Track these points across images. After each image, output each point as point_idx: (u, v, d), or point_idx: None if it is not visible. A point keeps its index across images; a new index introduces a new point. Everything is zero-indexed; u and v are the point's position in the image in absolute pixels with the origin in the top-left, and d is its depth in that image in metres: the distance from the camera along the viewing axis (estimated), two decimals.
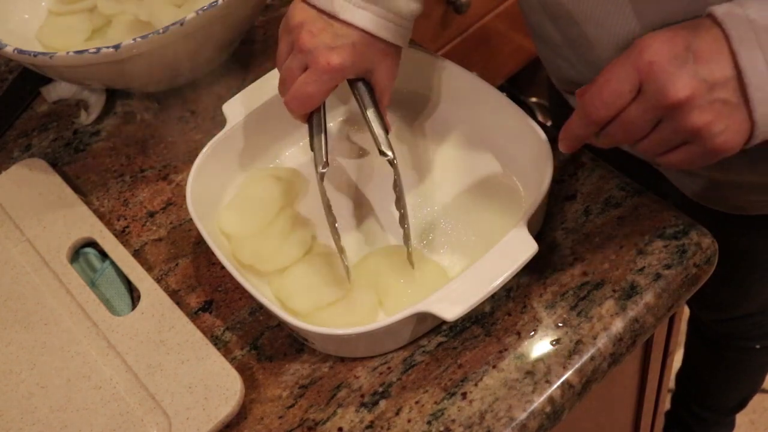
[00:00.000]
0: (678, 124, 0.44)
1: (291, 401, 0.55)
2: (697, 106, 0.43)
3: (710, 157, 0.46)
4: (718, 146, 0.45)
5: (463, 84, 0.64)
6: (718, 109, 0.44)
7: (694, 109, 0.43)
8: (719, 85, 0.43)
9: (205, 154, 0.62)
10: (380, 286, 0.58)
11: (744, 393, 1.19)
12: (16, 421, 0.56)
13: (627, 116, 0.46)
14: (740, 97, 0.44)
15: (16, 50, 0.66)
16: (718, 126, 0.44)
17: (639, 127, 0.46)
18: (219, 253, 0.56)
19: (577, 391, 0.53)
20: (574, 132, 0.49)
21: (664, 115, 0.45)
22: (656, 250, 0.56)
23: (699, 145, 0.45)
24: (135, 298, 0.62)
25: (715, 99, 0.43)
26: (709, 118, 0.43)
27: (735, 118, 0.44)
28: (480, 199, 0.62)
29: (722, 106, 0.44)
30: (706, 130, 0.44)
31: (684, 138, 0.45)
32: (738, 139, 0.45)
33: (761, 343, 1.04)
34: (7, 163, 0.75)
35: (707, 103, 0.43)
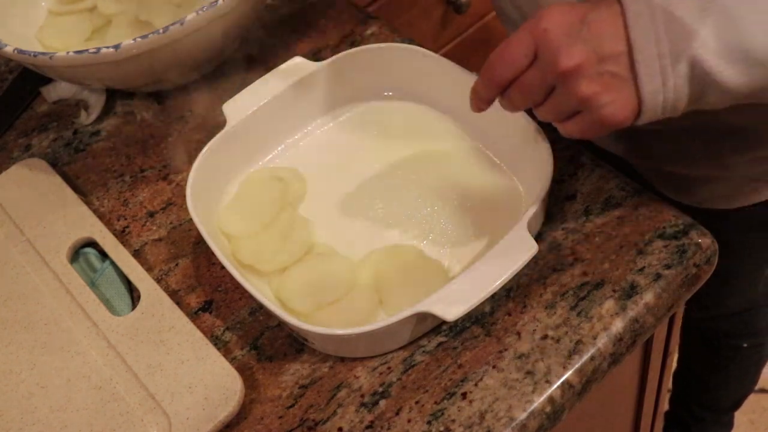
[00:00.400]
0: (568, 92, 0.46)
1: (291, 401, 0.55)
2: (586, 75, 0.45)
3: (600, 127, 0.47)
4: (604, 117, 0.46)
5: (463, 84, 0.64)
6: (607, 81, 0.45)
7: (582, 78, 0.45)
8: (610, 58, 0.45)
9: (205, 154, 0.62)
10: (381, 285, 0.58)
11: (739, 391, 1.19)
12: (16, 421, 0.56)
13: (523, 80, 0.48)
14: (629, 73, 0.45)
15: (16, 50, 0.66)
16: (605, 97, 0.45)
17: (534, 91, 0.48)
18: (219, 253, 0.56)
19: (577, 391, 0.53)
20: (479, 92, 0.52)
21: (556, 82, 0.47)
22: (656, 250, 0.56)
23: (588, 114, 0.47)
24: (135, 298, 0.62)
25: (604, 71, 0.45)
26: (596, 88, 0.45)
27: (623, 92, 0.46)
28: (480, 199, 0.62)
29: (611, 78, 0.45)
30: (593, 100, 0.46)
31: (575, 106, 0.47)
32: (625, 113, 0.46)
33: (749, 341, 1.04)
34: (7, 163, 0.75)
35: (596, 74, 0.45)
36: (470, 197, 0.62)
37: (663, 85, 0.45)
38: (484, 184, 0.63)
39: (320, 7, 0.81)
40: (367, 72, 0.68)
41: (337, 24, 0.79)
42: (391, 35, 0.76)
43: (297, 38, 0.79)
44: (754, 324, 1.01)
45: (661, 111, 0.47)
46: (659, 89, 0.45)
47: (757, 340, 1.04)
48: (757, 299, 0.94)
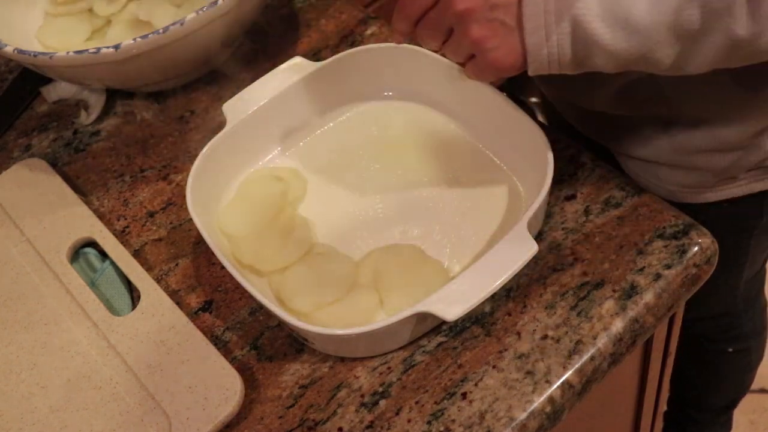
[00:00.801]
0: (461, 34, 0.51)
1: (291, 401, 0.55)
2: (476, 19, 0.49)
3: (490, 70, 0.52)
4: (491, 60, 0.51)
5: (464, 84, 0.64)
6: (495, 28, 0.50)
7: (472, 22, 0.49)
8: (500, 7, 0.49)
9: (205, 154, 0.62)
10: (381, 285, 0.58)
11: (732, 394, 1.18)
12: (16, 421, 0.56)
13: (427, 18, 0.52)
14: (517, 24, 0.49)
15: (16, 50, 0.66)
16: (492, 42, 0.50)
17: (437, 30, 0.52)
18: (219, 253, 0.56)
19: (577, 391, 0.53)
20: (395, 26, 0.55)
21: (453, 24, 0.51)
22: (656, 250, 0.56)
23: (479, 57, 0.52)
24: (135, 298, 0.62)
25: (494, 18, 0.49)
26: (484, 33, 0.50)
27: (509, 40, 0.50)
28: (480, 199, 0.62)
29: (499, 26, 0.50)
30: (481, 44, 0.50)
31: (467, 48, 0.52)
32: (510, 60, 0.51)
33: (734, 346, 1.03)
34: (7, 163, 0.75)
35: (486, 20, 0.49)
36: (470, 197, 0.62)
37: (546, 39, 0.49)
38: (484, 184, 0.63)
39: (320, 7, 0.81)
40: (367, 72, 0.68)
41: (337, 24, 0.79)
42: (391, 35, 0.76)
43: (297, 38, 0.79)
44: (737, 329, 1.01)
45: (547, 64, 0.50)
46: (542, 43, 0.49)
47: (741, 344, 1.04)
48: (738, 304, 0.94)
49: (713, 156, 0.67)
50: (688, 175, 0.69)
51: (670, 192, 0.71)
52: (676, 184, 0.71)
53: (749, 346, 1.05)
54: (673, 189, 0.71)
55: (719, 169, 0.68)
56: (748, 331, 1.02)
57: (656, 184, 0.71)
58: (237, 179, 0.66)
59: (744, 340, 1.03)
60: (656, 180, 0.71)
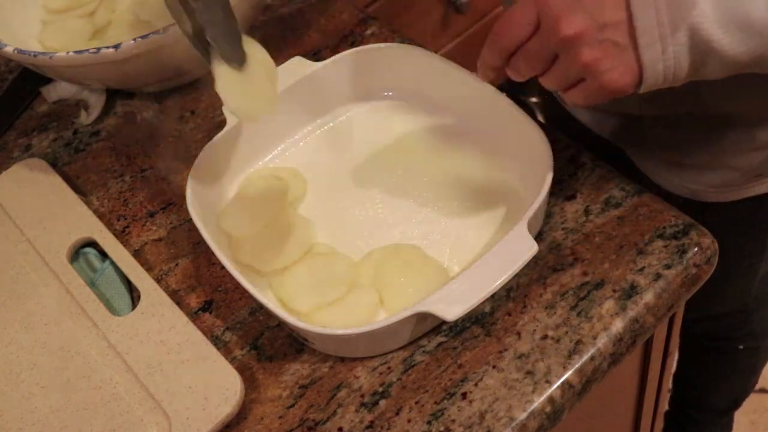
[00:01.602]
0: (570, 60, 0.47)
1: (291, 401, 0.55)
2: (587, 43, 0.46)
3: (602, 93, 0.49)
4: (606, 83, 0.48)
5: (464, 84, 0.64)
6: (607, 48, 0.46)
7: (583, 45, 0.46)
8: (610, 26, 0.46)
9: (205, 154, 0.62)
10: (381, 285, 0.58)
11: (736, 393, 1.18)
12: (16, 421, 0.56)
13: (527, 48, 0.49)
14: (629, 40, 0.46)
15: (16, 50, 0.66)
16: (605, 64, 0.47)
17: (538, 60, 0.49)
18: (219, 253, 0.56)
19: (577, 391, 0.53)
20: (485, 61, 0.52)
21: (558, 50, 0.48)
22: (656, 250, 0.56)
23: (591, 81, 0.48)
24: (135, 298, 0.62)
25: (604, 39, 0.46)
26: (597, 55, 0.46)
27: (623, 59, 0.47)
28: (480, 199, 0.62)
29: (611, 46, 0.46)
30: (594, 67, 0.47)
31: (577, 73, 0.48)
32: (626, 80, 0.47)
33: (744, 344, 1.03)
34: (7, 163, 0.75)
35: (597, 42, 0.46)
36: (470, 197, 0.62)
37: (662, 53, 0.46)
38: (484, 184, 0.63)
39: (320, 7, 0.81)
40: (367, 72, 0.68)
41: (337, 24, 0.79)
42: (391, 35, 0.76)
43: (297, 38, 0.79)
44: (749, 326, 1.01)
45: (662, 79, 0.48)
46: (659, 57, 0.46)
47: (752, 342, 1.04)
48: (750, 302, 0.94)
49: (745, 155, 0.66)
50: (716, 175, 0.68)
51: (692, 192, 0.70)
52: (702, 184, 0.69)
53: (759, 345, 1.05)
54: (697, 189, 0.70)
55: (749, 168, 0.67)
56: (758, 330, 1.02)
57: (678, 185, 0.70)
58: (237, 179, 0.66)
59: (754, 339, 1.03)
60: (679, 180, 0.70)
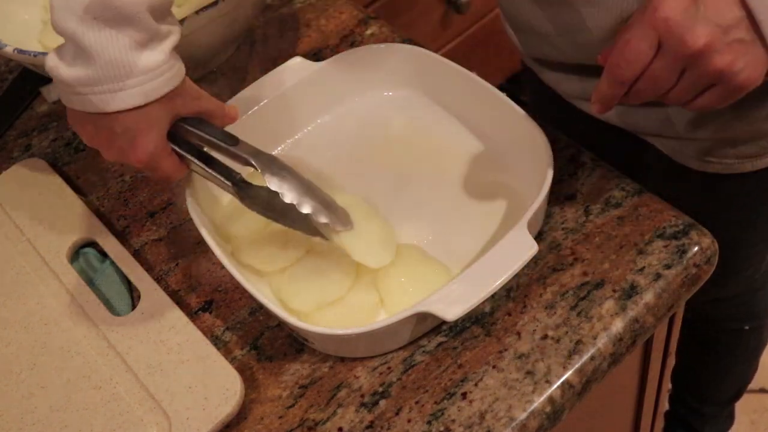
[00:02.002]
0: (701, 70, 0.47)
1: (291, 401, 0.55)
2: (717, 50, 0.46)
3: (737, 93, 0.49)
4: (741, 82, 0.48)
5: (463, 84, 0.64)
6: (736, 48, 0.46)
7: (714, 53, 0.46)
8: (733, 26, 0.46)
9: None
10: (382, 284, 0.58)
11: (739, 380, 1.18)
12: (16, 421, 0.56)
13: (652, 72, 0.49)
14: (754, 34, 0.47)
15: (16, 50, 0.66)
16: (738, 64, 0.47)
17: (665, 80, 0.49)
18: (219, 253, 0.56)
19: (577, 391, 0.53)
20: (604, 94, 0.52)
21: (687, 65, 0.48)
22: (656, 250, 0.56)
23: (724, 84, 0.48)
24: (135, 298, 0.62)
25: (732, 40, 0.46)
26: (729, 58, 0.47)
27: (753, 53, 0.47)
28: (480, 199, 0.62)
29: (739, 45, 0.47)
30: (728, 70, 0.47)
31: (709, 81, 0.48)
32: (759, 72, 0.48)
33: (750, 323, 1.03)
34: (7, 163, 0.75)
35: (725, 45, 0.46)
36: (470, 197, 0.62)
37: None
38: (484, 184, 0.63)
39: (320, 7, 0.81)
40: (367, 72, 0.68)
41: (337, 24, 0.79)
42: (391, 35, 0.76)
43: (297, 38, 0.79)
44: (755, 305, 1.00)
45: None
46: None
47: (757, 322, 1.03)
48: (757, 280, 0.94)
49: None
50: (750, 144, 0.68)
51: (726, 166, 0.70)
52: (733, 157, 0.69)
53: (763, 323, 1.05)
54: (732, 162, 0.69)
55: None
56: (763, 307, 1.02)
57: (709, 162, 0.70)
58: None
59: (759, 317, 1.03)
60: (710, 157, 0.70)
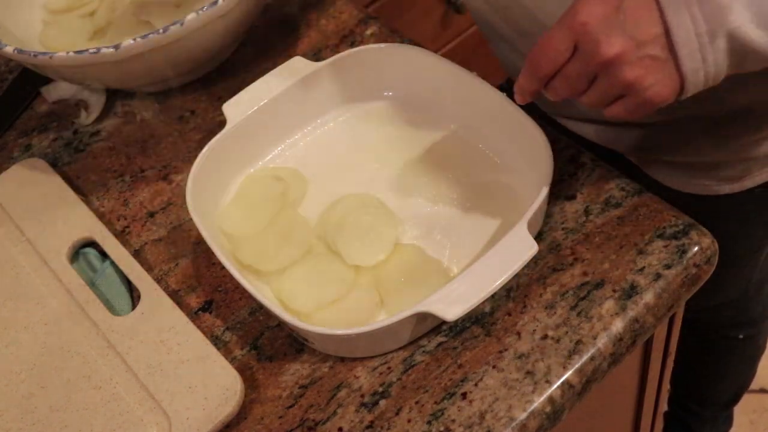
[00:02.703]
0: (611, 80, 0.48)
1: (291, 401, 0.55)
2: (628, 62, 0.47)
3: (645, 107, 0.49)
4: (649, 98, 0.48)
5: (463, 84, 0.64)
6: (648, 64, 0.47)
7: (624, 65, 0.47)
8: (648, 42, 0.47)
9: (205, 154, 0.62)
10: (381, 284, 0.58)
11: (736, 385, 1.18)
12: (16, 421, 0.56)
13: (566, 72, 0.50)
14: (668, 53, 0.47)
15: (16, 50, 0.66)
16: (648, 80, 0.48)
17: (577, 82, 0.50)
18: (219, 253, 0.56)
19: (577, 391, 0.53)
20: (523, 87, 0.53)
21: (598, 72, 0.48)
22: (656, 250, 0.56)
23: (633, 97, 0.49)
24: (135, 298, 0.62)
25: (644, 55, 0.47)
26: (639, 72, 0.47)
27: (664, 72, 0.48)
28: (480, 199, 0.62)
29: (652, 61, 0.47)
30: (637, 84, 0.48)
31: (619, 91, 0.49)
32: (668, 91, 0.48)
33: (744, 332, 1.03)
34: (7, 163, 0.75)
35: (637, 59, 0.47)
36: (470, 197, 0.62)
37: (703, 61, 0.47)
38: (484, 184, 0.63)
39: (320, 7, 0.81)
40: (367, 72, 0.68)
41: (337, 24, 0.79)
42: (391, 35, 0.76)
43: (297, 38, 0.79)
44: (748, 314, 1.01)
45: (702, 84, 0.49)
46: (700, 66, 0.47)
47: (751, 330, 1.04)
48: (749, 289, 0.94)
49: (758, 145, 0.66)
50: (730, 169, 0.69)
51: (704, 187, 0.70)
52: (714, 178, 0.70)
53: (758, 331, 1.05)
54: (710, 184, 0.70)
55: (762, 156, 0.67)
56: (757, 315, 1.02)
57: (688, 183, 0.70)
58: (237, 179, 0.66)
59: (753, 326, 1.03)
60: (688, 178, 0.70)
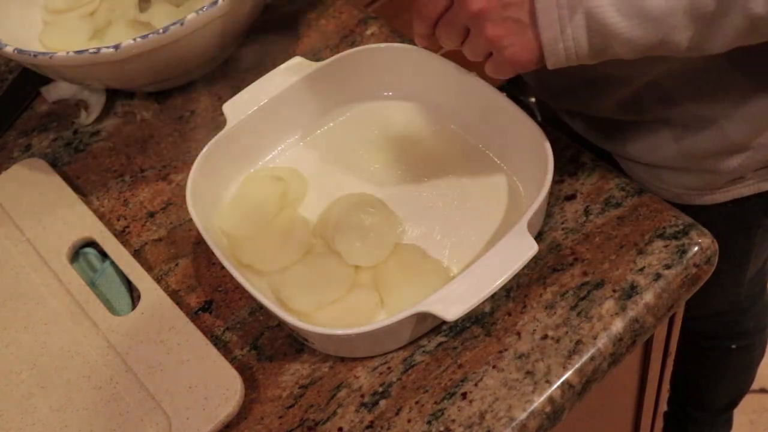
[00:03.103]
0: (477, 34, 0.51)
1: (291, 401, 0.55)
2: (490, 19, 0.50)
3: (508, 67, 0.52)
4: (508, 58, 0.51)
5: (464, 84, 0.64)
6: (509, 26, 0.50)
7: (487, 21, 0.50)
8: (513, 5, 0.49)
9: (205, 154, 0.62)
10: (381, 285, 0.58)
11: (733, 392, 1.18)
12: (16, 421, 0.56)
13: (445, 20, 0.53)
14: (531, 20, 0.50)
15: (16, 50, 0.66)
16: (507, 40, 0.51)
17: (454, 31, 0.53)
18: (219, 253, 0.56)
19: (577, 391, 0.53)
20: (415, 29, 0.56)
21: (468, 24, 0.52)
22: (656, 250, 0.56)
23: (496, 55, 0.52)
24: (135, 298, 0.62)
25: (507, 16, 0.50)
26: (499, 32, 0.50)
27: (524, 36, 0.50)
28: (480, 199, 0.62)
29: (513, 24, 0.50)
30: (497, 42, 0.51)
31: (484, 47, 0.52)
32: (527, 56, 0.51)
33: (737, 343, 1.03)
34: (7, 163, 0.75)
35: (500, 19, 0.50)
36: (470, 197, 0.62)
37: (561, 33, 0.49)
38: (484, 184, 0.63)
39: (320, 7, 0.81)
40: (367, 72, 0.68)
41: (337, 24, 0.79)
42: (391, 35, 0.76)
43: (297, 38, 0.79)
44: (740, 325, 1.01)
45: (564, 58, 0.51)
46: (558, 37, 0.49)
47: (745, 341, 1.04)
48: (741, 302, 0.94)
49: (722, 158, 0.66)
50: (696, 178, 0.69)
51: (675, 195, 0.71)
52: (682, 187, 0.70)
53: (752, 342, 1.05)
54: (680, 192, 0.71)
55: (727, 171, 0.68)
56: (750, 328, 1.02)
57: (661, 188, 0.71)
58: (237, 179, 0.66)
59: (747, 337, 1.03)
60: (661, 183, 0.71)
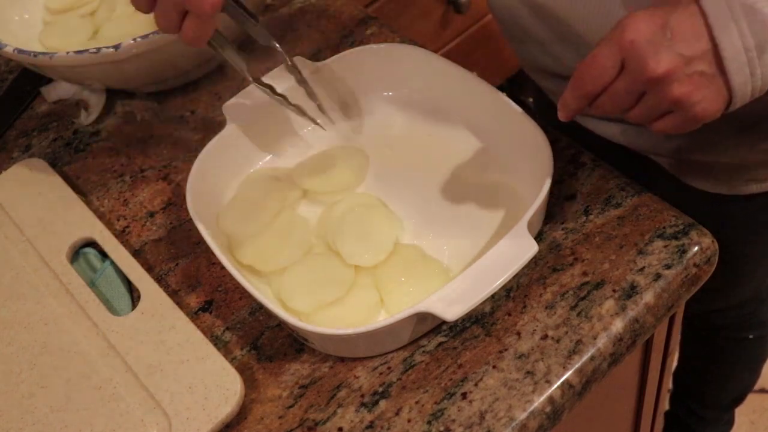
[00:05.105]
0: (659, 96, 0.48)
1: (291, 401, 0.55)
2: (676, 79, 0.47)
3: (693, 123, 0.50)
4: (697, 113, 0.48)
5: (463, 84, 0.64)
6: (696, 80, 0.47)
7: (673, 82, 0.47)
8: (696, 58, 0.47)
9: (205, 154, 0.62)
10: (381, 284, 0.58)
11: (741, 386, 1.18)
12: (16, 421, 0.56)
13: (613, 89, 0.50)
14: (716, 69, 0.47)
15: (16, 50, 0.66)
16: (696, 96, 0.48)
17: (624, 99, 0.50)
18: (219, 253, 0.56)
19: (577, 391, 0.53)
20: (568, 104, 0.53)
21: (646, 89, 0.48)
22: (656, 250, 0.56)
23: (681, 113, 0.49)
24: (135, 298, 0.62)
25: (693, 72, 0.47)
26: (687, 89, 0.47)
27: (712, 87, 0.48)
28: (480, 199, 0.62)
29: (700, 77, 0.47)
30: (685, 101, 0.48)
31: (667, 108, 0.49)
32: (716, 107, 0.48)
33: (755, 332, 1.04)
34: (7, 163, 0.75)
35: (685, 76, 0.47)
36: (470, 197, 0.62)
37: (751, 75, 0.47)
38: (484, 184, 0.63)
39: (320, 7, 0.81)
40: (367, 72, 0.68)
41: (337, 24, 0.79)
42: (391, 35, 0.76)
43: (297, 38, 0.79)
44: (760, 315, 1.01)
45: (749, 97, 0.49)
46: (748, 80, 0.47)
47: (762, 331, 1.04)
48: (763, 290, 0.94)
49: None
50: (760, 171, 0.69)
51: (730, 187, 0.70)
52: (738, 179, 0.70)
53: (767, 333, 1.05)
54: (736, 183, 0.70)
55: None
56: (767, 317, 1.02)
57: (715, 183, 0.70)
58: (237, 179, 0.66)
59: (764, 327, 1.03)
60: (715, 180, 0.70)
